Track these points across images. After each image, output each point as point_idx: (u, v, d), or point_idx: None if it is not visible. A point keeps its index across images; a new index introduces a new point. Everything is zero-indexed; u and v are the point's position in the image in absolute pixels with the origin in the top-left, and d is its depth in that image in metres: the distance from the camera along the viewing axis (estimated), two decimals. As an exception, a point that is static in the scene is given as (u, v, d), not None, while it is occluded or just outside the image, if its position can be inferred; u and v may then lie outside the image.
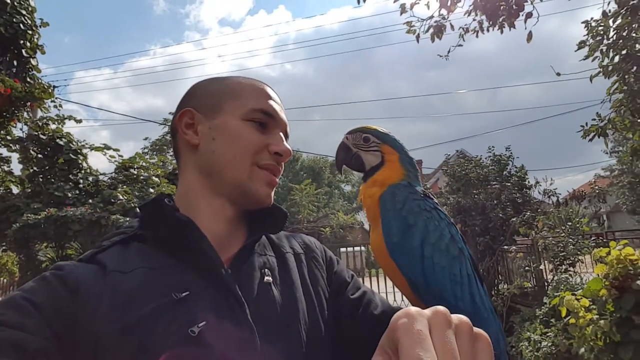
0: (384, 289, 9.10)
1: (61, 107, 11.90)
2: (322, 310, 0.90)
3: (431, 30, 4.79)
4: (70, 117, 12.18)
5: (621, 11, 4.11)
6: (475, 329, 0.47)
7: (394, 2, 4.67)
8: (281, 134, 0.92)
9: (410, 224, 0.92)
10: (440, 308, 0.47)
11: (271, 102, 0.91)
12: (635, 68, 4.03)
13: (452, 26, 4.90)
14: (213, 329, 0.72)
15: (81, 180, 11.42)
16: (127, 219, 8.85)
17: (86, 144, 12.13)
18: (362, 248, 15.20)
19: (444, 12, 4.73)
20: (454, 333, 0.45)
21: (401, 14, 4.75)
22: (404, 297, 0.96)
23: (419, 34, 4.86)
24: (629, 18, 4.01)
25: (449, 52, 5.07)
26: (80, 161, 11.65)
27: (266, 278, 0.84)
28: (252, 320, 0.76)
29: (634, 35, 4.04)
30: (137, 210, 0.91)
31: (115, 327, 0.68)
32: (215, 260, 0.80)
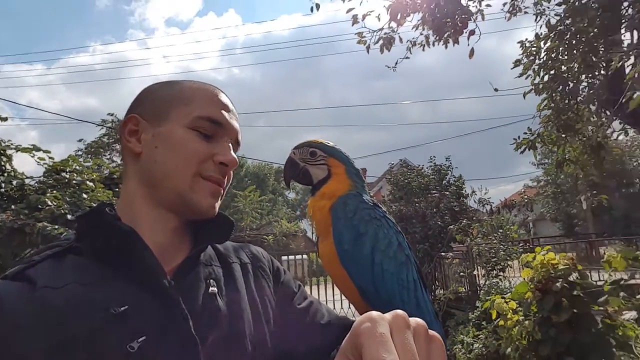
0: (328, 297, 9.15)
1: (-17, 104, 10.99)
2: (269, 321, 0.90)
3: (381, 41, 4.97)
4: (-7, 115, 11.22)
5: (551, 35, 4.49)
6: (430, 331, 0.51)
7: (347, 12, 4.81)
8: (230, 142, 0.90)
9: (361, 232, 0.95)
10: (400, 312, 0.50)
11: (221, 109, 0.89)
12: (561, 87, 4.41)
13: (400, 39, 5.13)
14: (154, 344, 0.70)
15: (3, 184, 10.53)
16: (56, 226, 8.27)
17: (11, 144, 11.22)
18: (305, 256, 15.18)
19: (393, 25, 4.93)
20: (412, 335, 0.48)
21: (353, 24, 4.90)
22: (351, 305, 1.00)
23: (369, 44, 5.03)
24: (557, 42, 4.39)
25: (396, 63, 5.29)
26: (3, 163, 10.74)
27: (211, 289, 0.83)
28: (195, 332, 0.74)
29: (560, 57, 4.43)
30: (68, 217, 0.87)
31: (43, 347, 0.65)
32: (157, 271, 0.77)
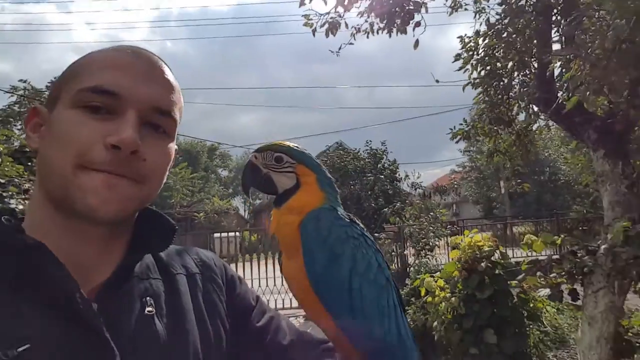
0: (260, 275, 9.18)
1: None
2: (219, 342, 0.80)
3: (327, 25, 4.96)
4: None
5: (489, 33, 4.77)
6: None
7: (294, -8, 4.73)
8: (139, 115, 0.68)
9: (337, 253, 0.83)
10: None
11: (116, 72, 0.69)
12: (495, 83, 4.73)
13: (346, 24, 5.15)
14: None
15: None
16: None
17: None
18: (237, 234, 15.10)
19: (340, 9, 4.93)
20: None
21: (300, 5, 4.84)
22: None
23: (315, 28, 5.01)
24: (495, 40, 4.68)
25: (340, 48, 5.31)
26: None
27: (148, 309, 0.70)
28: None
29: (497, 54, 4.73)
30: None
31: None
32: (72, 293, 0.62)
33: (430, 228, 7.35)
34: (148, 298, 0.72)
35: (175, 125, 0.76)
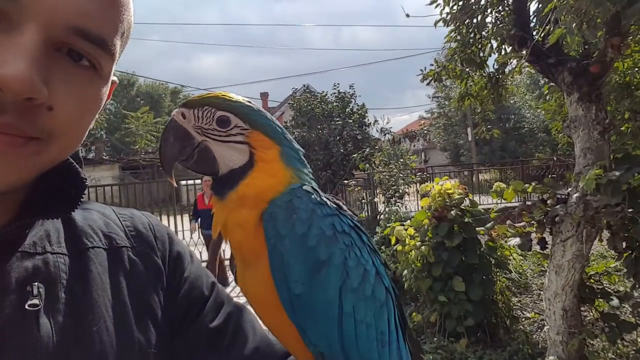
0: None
1: None
2: (147, 349, 0.57)
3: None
4: None
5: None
6: None
7: None
8: (36, 33, 0.42)
9: (322, 259, 0.57)
10: None
11: None
12: (468, 20, 4.41)
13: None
14: None
15: None
16: None
17: None
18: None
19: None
20: None
21: None
22: None
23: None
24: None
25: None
26: None
27: (31, 301, 0.48)
28: None
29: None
30: None
31: None
32: None
33: (400, 175, 7.28)
34: (36, 284, 0.49)
35: (110, 60, 0.50)
